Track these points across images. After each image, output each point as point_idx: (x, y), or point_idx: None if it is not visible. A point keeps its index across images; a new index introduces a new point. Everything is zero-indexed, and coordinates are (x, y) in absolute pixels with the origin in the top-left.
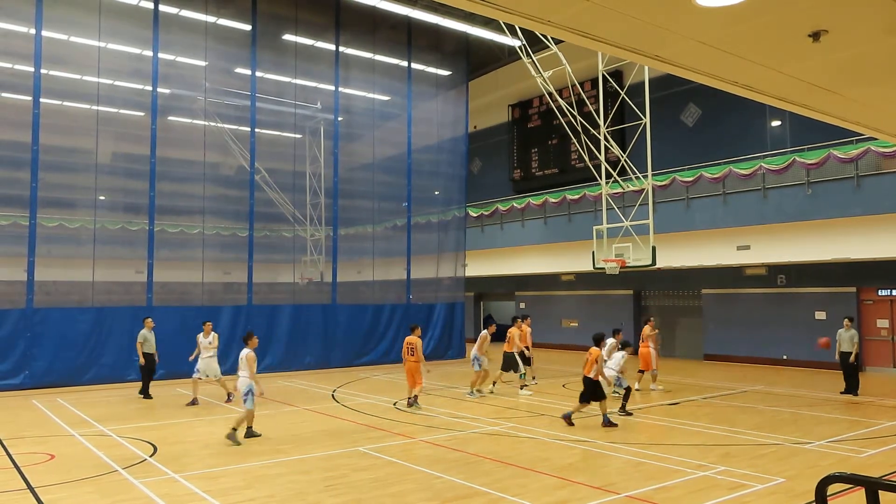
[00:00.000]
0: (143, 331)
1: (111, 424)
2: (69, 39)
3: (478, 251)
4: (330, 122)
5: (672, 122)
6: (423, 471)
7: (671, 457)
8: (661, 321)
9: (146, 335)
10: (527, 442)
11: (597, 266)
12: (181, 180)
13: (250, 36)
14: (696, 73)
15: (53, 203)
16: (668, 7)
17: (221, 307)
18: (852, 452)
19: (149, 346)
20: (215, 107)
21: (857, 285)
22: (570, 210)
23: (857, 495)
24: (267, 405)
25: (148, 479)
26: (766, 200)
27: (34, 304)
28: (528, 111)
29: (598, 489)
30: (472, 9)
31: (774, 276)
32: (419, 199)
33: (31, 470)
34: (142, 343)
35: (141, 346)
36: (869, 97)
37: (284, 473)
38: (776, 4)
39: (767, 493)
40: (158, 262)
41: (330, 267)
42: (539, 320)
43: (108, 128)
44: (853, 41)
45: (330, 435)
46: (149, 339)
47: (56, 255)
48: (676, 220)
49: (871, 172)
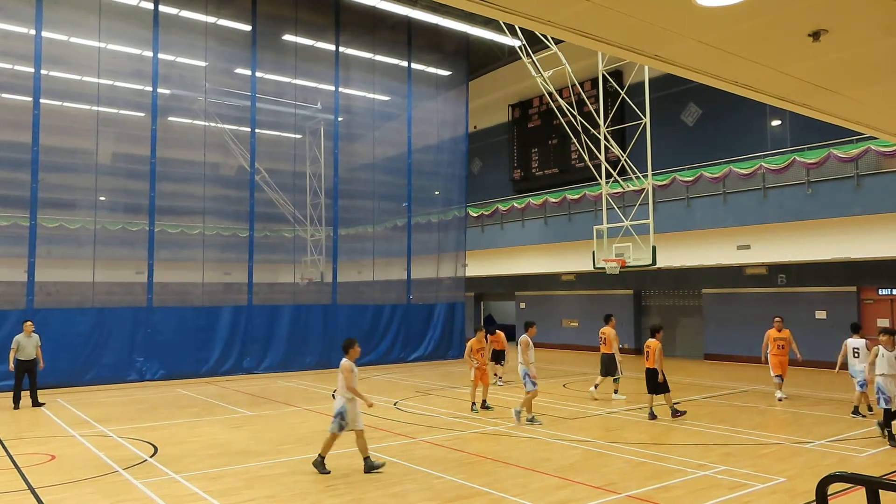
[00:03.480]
0: (19, 336)
1: (112, 425)
2: (69, 40)
3: (478, 251)
4: (330, 122)
5: (672, 121)
6: (424, 471)
7: (672, 456)
8: (662, 321)
9: (21, 340)
10: (527, 442)
11: (597, 266)
12: (181, 181)
13: (250, 36)
14: (696, 73)
15: (54, 204)
16: (669, 7)
17: (222, 307)
18: (853, 452)
19: (24, 352)
20: (215, 107)
21: (857, 285)
22: (570, 210)
23: (857, 495)
24: (268, 405)
25: (149, 480)
26: (766, 200)
27: (34, 305)
28: (528, 111)
29: (599, 489)
30: (472, 9)
31: (775, 275)
32: (419, 199)
33: (31, 470)
34: (15, 349)
35: (14, 353)
36: (869, 96)
37: (285, 474)
38: (776, 4)
39: (768, 493)
40: (159, 263)
41: (330, 267)
42: (539, 320)
43: (108, 128)
44: (853, 41)
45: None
46: (23, 345)
47: (56, 255)
48: (677, 220)
49: (871, 172)
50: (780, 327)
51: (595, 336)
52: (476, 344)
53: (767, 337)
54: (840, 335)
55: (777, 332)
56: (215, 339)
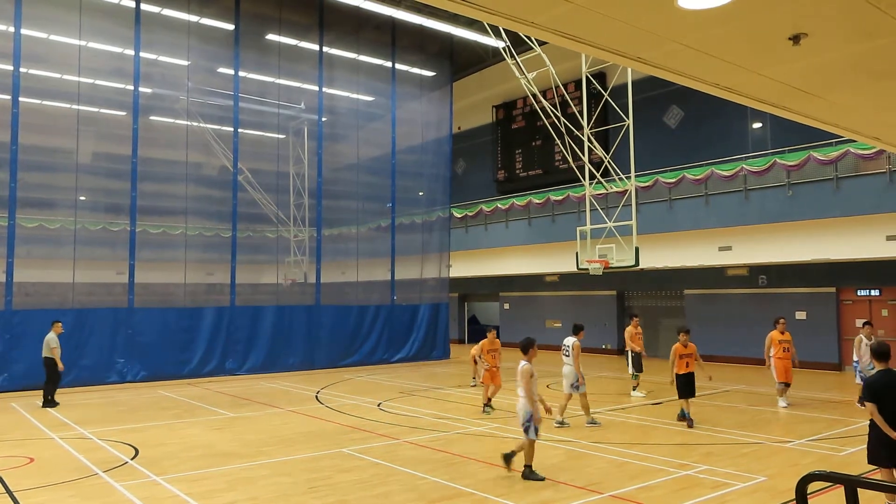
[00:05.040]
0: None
1: (91, 427)
2: (49, 38)
3: (462, 252)
4: (314, 122)
5: (655, 123)
6: (408, 472)
7: (654, 456)
8: (644, 321)
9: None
10: (511, 442)
11: (580, 267)
12: (163, 180)
13: (233, 35)
14: (678, 76)
15: (33, 203)
16: (651, 9)
17: (204, 308)
18: (832, 451)
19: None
20: (198, 107)
21: (836, 286)
22: (553, 211)
23: (836, 493)
24: (250, 407)
25: (129, 483)
26: (747, 202)
27: (13, 306)
28: (512, 112)
29: (582, 489)
30: (456, 9)
31: (755, 276)
32: (403, 200)
33: (9, 474)
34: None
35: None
36: (847, 99)
37: (267, 475)
38: (757, 8)
39: (749, 492)
40: (140, 263)
41: (313, 268)
42: (523, 321)
43: (88, 127)
44: (833, 45)
45: (314, 436)
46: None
47: (36, 255)
48: (659, 221)
49: (850, 174)
50: (783, 329)
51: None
52: (488, 345)
53: (771, 339)
54: (824, 335)
55: (781, 335)
56: (197, 340)
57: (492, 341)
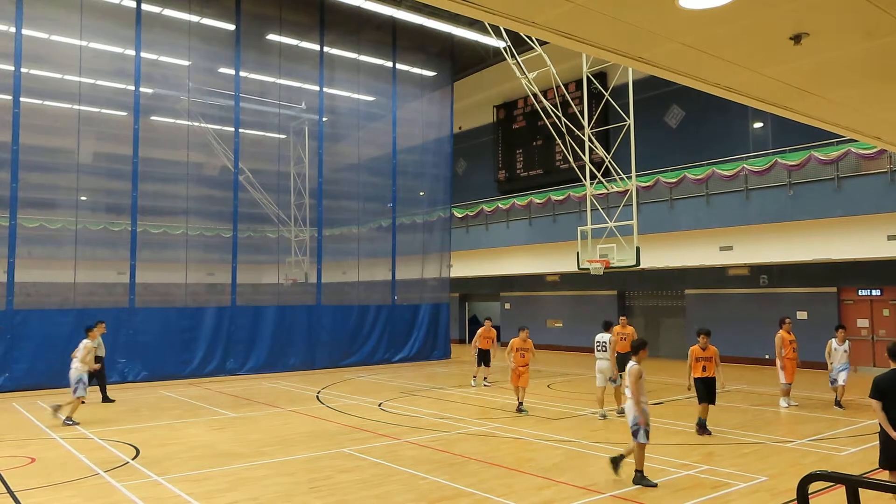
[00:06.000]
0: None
1: (93, 427)
2: (50, 38)
3: (463, 252)
4: (314, 122)
5: (656, 123)
6: (409, 472)
7: (654, 456)
8: (645, 321)
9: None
10: (511, 442)
11: (581, 267)
12: (164, 181)
13: (234, 36)
14: (679, 75)
15: (34, 203)
16: (652, 9)
17: (205, 308)
18: (833, 451)
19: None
20: (199, 107)
21: (837, 285)
22: (554, 211)
23: (837, 493)
24: (251, 407)
25: (131, 483)
26: (748, 201)
27: (14, 306)
28: (512, 112)
29: (583, 489)
30: (457, 9)
31: (757, 276)
32: (404, 200)
33: (11, 474)
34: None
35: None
36: (848, 99)
37: (269, 475)
38: (758, 7)
39: (750, 492)
40: (141, 264)
41: (314, 268)
42: (524, 321)
43: (89, 127)
44: (833, 44)
45: (314, 436)
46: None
47: (37, 256)
48: (660, 221)
49: (851, 174)
50: (789, 329)
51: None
52: (519, 343)
53: (781, 340)
54: (824, 335)
55: (788, 335)
56: (198, 340)
57: (524, 339)
